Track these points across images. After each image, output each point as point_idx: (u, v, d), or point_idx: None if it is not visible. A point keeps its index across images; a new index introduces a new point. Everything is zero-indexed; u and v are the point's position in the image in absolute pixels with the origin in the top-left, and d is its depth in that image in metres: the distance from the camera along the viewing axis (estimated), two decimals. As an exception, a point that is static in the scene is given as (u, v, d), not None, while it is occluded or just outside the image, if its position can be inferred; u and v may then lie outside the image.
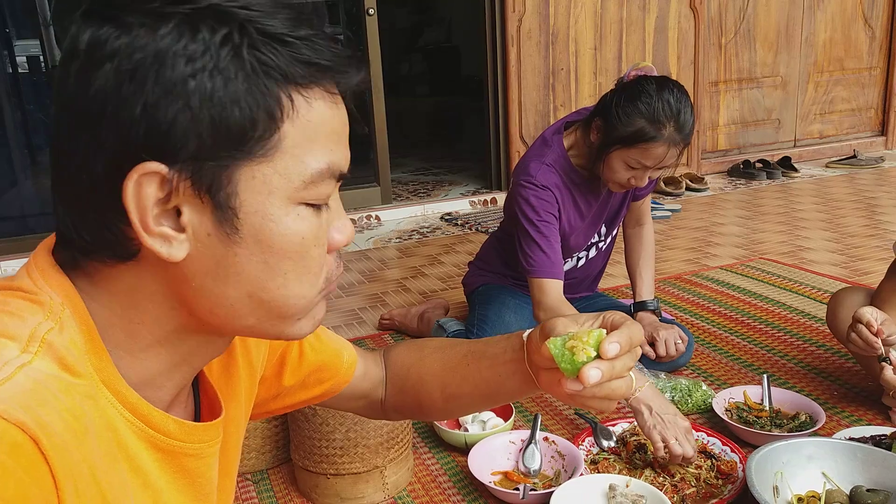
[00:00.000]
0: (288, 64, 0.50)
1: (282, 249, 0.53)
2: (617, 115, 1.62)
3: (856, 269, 2.73)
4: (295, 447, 1.47)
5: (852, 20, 5.01)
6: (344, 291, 2.79)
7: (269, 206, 0.52)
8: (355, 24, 4.15)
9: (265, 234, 0.52)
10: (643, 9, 4.21)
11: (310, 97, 0.52)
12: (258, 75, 0.49)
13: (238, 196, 0.51)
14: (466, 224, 3.75)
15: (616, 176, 1.67)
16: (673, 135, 1.59)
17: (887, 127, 5.29)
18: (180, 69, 0.48)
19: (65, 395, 0.47)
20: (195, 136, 0.48)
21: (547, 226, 1.74)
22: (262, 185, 0.51)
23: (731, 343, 2.10)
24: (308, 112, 0.52)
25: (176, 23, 0.48)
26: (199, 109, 0.48)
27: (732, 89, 4.74)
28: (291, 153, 0.51)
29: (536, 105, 4.07)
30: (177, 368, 0.58)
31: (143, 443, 0.55)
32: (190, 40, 0.48)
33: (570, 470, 1.45)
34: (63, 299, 0.52)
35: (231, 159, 0.50)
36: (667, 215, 3.70)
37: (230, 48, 0.48)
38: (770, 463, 1.33)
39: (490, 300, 1.98)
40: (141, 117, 0.48)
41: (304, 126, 0.52)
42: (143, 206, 0.49)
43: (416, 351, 0.88)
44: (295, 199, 0.52)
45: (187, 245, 0.51)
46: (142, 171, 0.48)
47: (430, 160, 5.66)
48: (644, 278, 2.00)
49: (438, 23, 8.16)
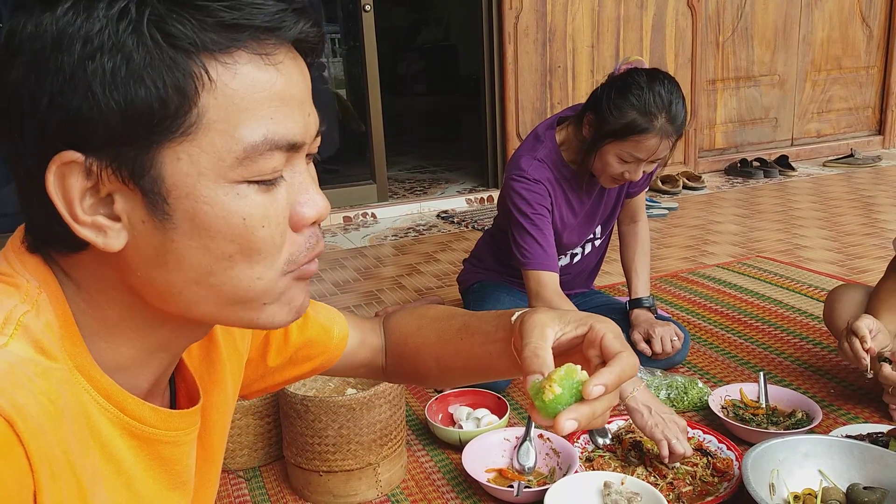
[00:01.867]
0: (197, 31, 0.45)
1: (221, 233, 0.49)
2: (608, 108, 1.61)
3: (853, 267, 2.72)
4: (287, 444, 1.45)
5: (850, 19, 5.00)
6: (339, 289, 2.77)
7: (200, 188, 0.48)
8: (351, 21, 4.14)
9: (200, 218, 0.48)
10: (640, 6, 4.20)
11: (232, 63, 0.47)
12: (161, 49, 0.45)
13: (164, 181, 0.47)
14: (463, 222, 3.73)
15: (609, 170, 1.66)
16: (665, 126, 1.58)
17: (884, 126, 5.29)
18: (77, 52, 0.44)
19: (40, 379, 0.46)
20: (103, 122, 0.45)
21: (541, 218, 1.73)
22: (189, 166, 0.47)
23: (727, 341, 2.09)
24: (232, 80, 0.47)
25: (72, 1, 0.45)
26: (103, 94, 0.45)
27: (730, 88, 4.74)
28: (217, 128, 0.47)
29: (533, 103, 4.05)
30: (152, 355, 0.57)
31: (118, 429, 0.54)
32: (85, 19, 0.44)
33: (564, 467, 1.44)
34: (40, 283, 0.51)
35: (148, 142, 0.46)
36: (664, 213, 3.69)
37: (128, 22, 0.44)
38: (766, 460, 1.32)
39: (485, 297, 1.97)
40: (49, 108, 0.45)
41: (228, 96, 0.47)
42: (69, 196, 0.47)
43: (415, 320, 0.86)
44: (231, 178, 0.48)
45: (125, 234, 0.49)
46: (59, 162, 0.46)
47: (426, 158, 5.64)
48: (639, 275, 1.99)
49: (436, 21, 8.14)
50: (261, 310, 0.54)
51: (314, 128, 0.53)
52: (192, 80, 0.46)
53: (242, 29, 0.47)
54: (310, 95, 0.53)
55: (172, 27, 0.45)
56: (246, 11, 0.47)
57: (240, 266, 0.51)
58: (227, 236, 0.49)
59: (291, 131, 0.50)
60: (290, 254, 0.53)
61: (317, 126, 0.54)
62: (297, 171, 0.52)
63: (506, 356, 0.73)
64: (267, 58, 0.48)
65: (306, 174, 0.53)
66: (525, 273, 1.72)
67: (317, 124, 0.54)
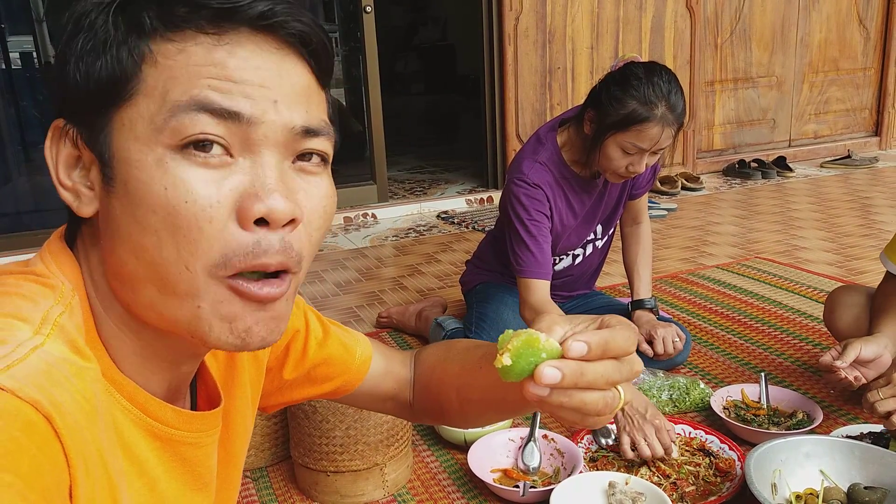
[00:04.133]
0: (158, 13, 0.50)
1: (144, 200, 0.49)
2: (608, 101, 1.63)
3: (851, 268, 2.74)
4: (294, 444, 1.46)
5: (847, 21, 5.03)
6: (341, 289, 2.78)
7: (133, 152, 0.49)
8: (352, 22, 4.15)
9: (131, 184, 0.49)
10: (640, 8, 4.22)
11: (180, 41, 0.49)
12: (118, 28, 0.50)
13: (110, 146, 0.51)
14: (463, 222, 3.75)
15: (613, 164, 1.67)
16: (666, 114, 1.59)
17: (881, 127, 5.32)
18: (70, 29, 0.52)
19: (76, 378, 0.47)
20: (74, 89, 0.51)
21: (537, 225, 1.75)
22: (128, 130, 0.50)
23: (728, 342, 2.11)
24: (178, 55, 0.49)
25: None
26: (75, 65, 0.51)
27: (728, 89, 4.76)
28: (152, 94, 0.49)
29: (533, 104, 4.07)
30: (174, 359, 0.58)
31: (141, 431, 0.55)
32: (85, 3, 0.52)
33: (569, 467, 1.45)
34: (74, 285, 0.53)
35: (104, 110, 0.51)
36: (663, 214, 3.71)
37: (103, 6, 0.51)
38: (768, 461, 1.34)
39: (488, 298, 1.99)
40: (57, 76, 0.53)
41: (169, 67, 0.49)
42: (56, 159, 0.53)
43: (443, 351, 0.84)
44: (162, 143, 0.49)
45: (96, 203, 0.53)
46: (53, 127, 0.53)
47: (426, 158, 5.65)
48: (641, 277, 2.01)
49: (434, 21, 8.16)
50: (196, 314, 0.51)
51: (286, 120, 0.51)
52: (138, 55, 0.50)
53: (198, 8, 0.49)
54: (296, 94, 0.52)
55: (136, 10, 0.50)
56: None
57: (166, 244, 0.49)
58: (149, 205, 0.49)
59: (233, 102, 0.49)
60: (225, 249, 0.49)
61: (294, 122, 0.51)
62: (260, 161, 0.50)
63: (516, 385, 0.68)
64: (217, 38, 0.50)
65: (275, 169, 0.50)
66: (518, 279, 1.75)
67: (302, 121, 0.52)
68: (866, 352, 1.42)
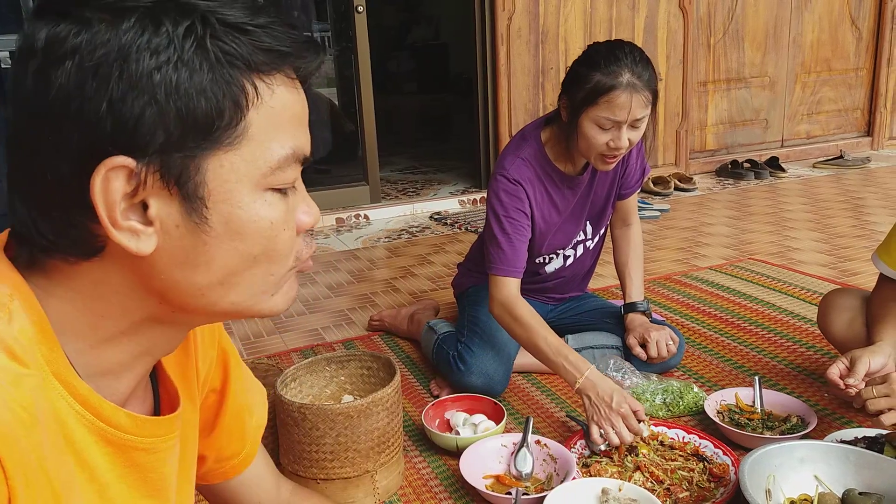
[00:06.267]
0: (250, 52, 0.51)
1: (251, 236, 0.54)
2: (575, 81, 1.63)
3: (844, 269, 2.74)
4: (284, 451, 1.45)
5: (839, 21, 5.04)
6: (333, 292, 2.76)
7: (237, 193, 0.52)
8: (344, 21, 4.13)
9: (235, 221, 0.53)
10: (633, 8, 4.21)
11: (272, 84, 0.53)
12: (222, 65, 0.50)
13: (207, 185, 0.51)
14: (456, 223, 3.73)
15: (594, 143, 1.64)
16: (632, 80, 1.57)
17: (873, 127, 5.33)
18: (145, 63, 0.48)
19: (12, 387, 0.47)
20: (163, 128, 0.49)
21: (512, 223, 1.74)
22: (229, 173, 0.51)
23: (721, 344, 2.10)
24: (271, 99, 0.53)
25: (138, 17, 0.48)
26: (166, 102, 0.48)
27: (721, 89, 4.76)
28: (257, 140, 0.52)
29: (526, 104, 4.06)
30: (138, 359, 0.58)
31: (93, 436, 0.54)
32: (153, 34, 0.48)
33: (562, 473, 1.44)
34: (12, 291, 0.52)
35: (199, 149, 0.50)
36: (655, 215, 3.70)
37: (193, 39, 0.49)
38: (763, 466, 1.32)
39: (480, 301, 1.97)
40: (107, 113, 0.48)
41: (268, 113, 0.52)
42: (111, 200, 0.49)
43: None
44: (262, 186, 0.53)
45: (155, 238, 0.51)
46: (109, 166, 0.49)
47: (418, 158, 5.64)
48: (633, 279, 2.00)
49: (427, 20, 8.14)
50: (266, 301, 0.58)
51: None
52: (244, 95, 0.51)
53: (284, 55, 0.53)
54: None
55: (230, 46, 0.50)
56: (285, 41, 0.53)
57: (261, 265, 0.56)
58: (256, 239, 0.54)
59: (306, 147, 0.57)
60: (297, 253, 0.59)
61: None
62: (299, 182, 0.58)
63: None
64: (293, 82, 0.55)
65: (303, 185, 0.59)
66: (489, 275, 1.74)
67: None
68: (874, 364, 1.41)
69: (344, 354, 1.62)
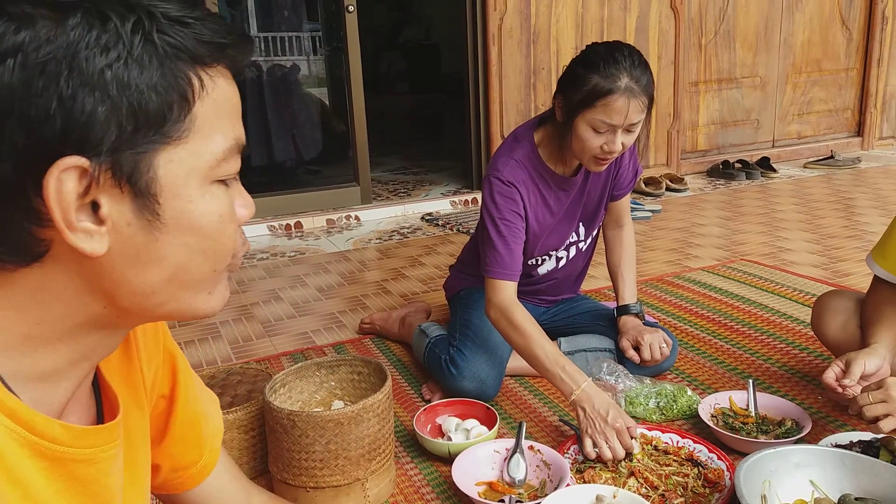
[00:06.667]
0: (194, 45, 0.51)
1: (202, 230, 0.54)
2: (572, 82, 1.61)
3: (836, 270, 2.73)
4: (273, 459, 1.42)
5: (830, 21, 5.05)
6: (323, 294, 2.74)
7: (188, 188, 0.52)
8: (334, 21, 4.10)
9: (186, 216, 0.53)
10: (624, 8, 4.21)
11: (214, 76, 0.53)
12: (170, 59, 0.50)
13: (158, 181, 0.51)
14: (447, 224, 3.71)
15: (588, 146, 1.63)
16: (630, 85, 1.56)
17: (863, 128, 5.35)
18: (96, 60, 0.47)
19: None
20: (115, 126, 0.48)
21: (507, 225, 1.72)
22: (179, 167, 0.52)
23: (714, 346, 2.09)
24: (214, 90, 0.53)
25: (83, 13, 0.47)
26: (119, 99, 0.48)
27: (712, 89, 4.76)
28: (203, 132, 0.52)
29: (517, 105, 4.04)
30: (76, 365, 0.57)
31: (26, 450, 0.52)
32: (101, 30, 0.47)
33: (555, 479, 1.42)
34: None
35: (150, 145, 0.50)
36: (647, 216, 3.69)
37: (141, 35, 0.49)
38: (758, 472, 1.31)
39: (472, 304, 1.95)
40: (57, 111, 0.46)
41: (212, 104, 0.53)
42: (66, 202, 0.48)
43: None
44: (210, 178, 0.54)
45: (108, 238, 0.51)
46: (63, 167, 0.47)
47: (409, 159, 5.62)
48: (626, 281, 1.98)
49: (418, 20, 8.12)
50: (206, 301, 0.58)
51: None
52: (191, 89, 0.51)
53: (223, 47, 0.53)
54: None
55: (176, 40, 0.50)
56: (223, 33, 0.53)
57: (210, 261, 0.56)
58: (207, 233, 0.54)
59: (244, 137, 0.57)
60: (235, 248, 0.59)
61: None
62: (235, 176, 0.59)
63: None
64: (230, 73, 0.56)
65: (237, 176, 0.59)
66: (485, 278, 1.72)
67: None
68: (870, 366, 1.40)
69: (334, 359, 1.60)
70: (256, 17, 5.09)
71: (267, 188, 4.02)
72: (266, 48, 5.14)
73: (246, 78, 4.54)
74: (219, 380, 1.66)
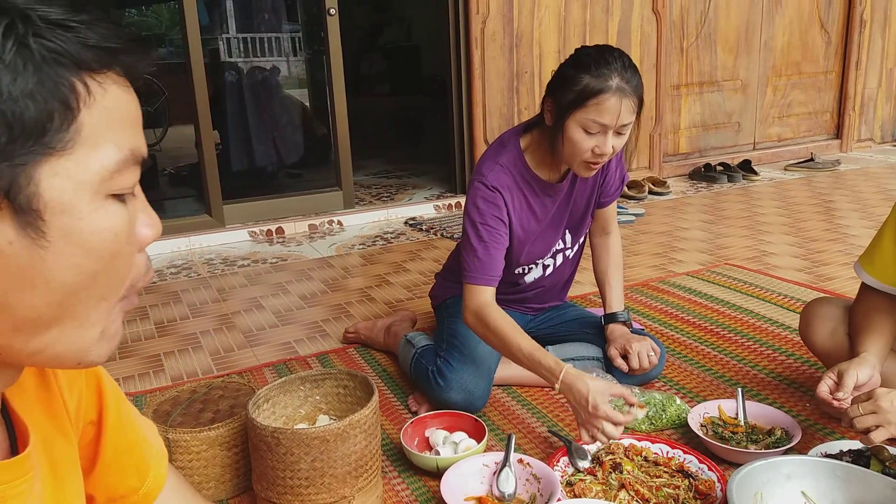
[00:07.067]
0: (78, 50, 0.47)
1: (94, 249, 0.49)
2: (563, 83, 1.61)
3: (820, 274, 2.74)
4: (257, 477, 1.38)
5: (809, 25, 5.09)
6: (306, 302, 2.70)
7: (76, 202, 0.48)
8: (315, 23, 4.06)
9: (76, 234, 0.48)
10: (606, 11, 4.21)
11: (104, 83, 0.49)
12: (48, 64, 0.46)
13: (41, 196, 0.46)
14: (431, 229, 3.68)
15: (579, 148, 1.62)
16: (621, 85, 1.56)
17: (842, 130, 5.40)
18: None
19: None
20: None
21: (489, 231, 1.70)
22: (65, 181, 0.47)
23: (701, 353, 2.08)
24: (104, 98, 0.49)
25: None
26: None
27: (694, 92, 4.77)
28: (92, 143, 0.48)
29: (500, 108, 4.02)
30: None
31: None
32: None
33: (545, 494, 1.40)
34: None
35: (29, 157, 0.46)
36: (631, 220, 3.69)
37: (14, 39, 0.45)
38: (750, 483, 1.30)
39: (459, 313, 1.91)
40: None
41: (102, 113, 0.49)
42: None
43: None
44: (102, 192, 0.49)
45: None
46: None
47: (392, 162, 5.58)
48: (613, 289, 1.97)
49: (398, 22, 8.09)
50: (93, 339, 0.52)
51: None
52: (75, 96, 0.47)
53: (113, 52, 0.49)
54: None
55: (55, 44, 0.46)
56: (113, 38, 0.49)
57: (101, 285, 0.51)
58: (98, 253, 0.49)
59: (143, 148, 0.52)
60: (133, 276, 0.53)
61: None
62: (138, 189, 0.54)
63: None
64: (124, 80, 0.51)
65: (142, 193, 0.55)
66: (463, 283, 1.70)
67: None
68: (862, 376, 1.39)
69: (319, 373, 1.57)
70: (235, 19, 5.03)
71: (247, 193, 3.97)
72: (245, 50, 5.08)
73: (225, 81, 4.49)
74: (200, 395, 1.62)
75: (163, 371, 2.14)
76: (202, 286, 2.93)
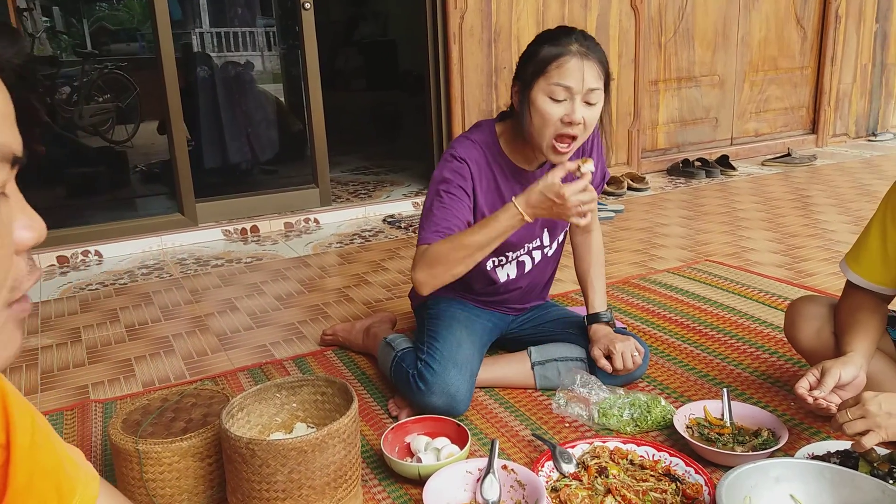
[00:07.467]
0: None
1: None
2: (524, 61, 1.64)
3: (800, 270, 2.74)
4: (232, 490, 1.33)
5: (785, 20, 5.11)
6: (282, 303, 2.63)
7: None
8: (289, 18, 3.98)
9: None
10: (584, 7, 4.18)
11: None
12: None
13: None
14: (410, 227, 3.63)
15: (547, 119, 1.59)
16: (580, 49, 1.57)
17: (818, 125, 5.43)
18: None
19: None
20: None
21: (451, 196, 1.67)
22: None
23: (685, 352, 2.06)
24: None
25: None
26: None
27: (672, 88, 4.77)
28: None
29: (479, 103, 3.98)
30: None
31: None
32: None
33: (531, 500, 1.36)
34: None
35: None
36: (610, 216, 3.67)
37: None
38: (739, 488, 1.27)
39: (440, 314, 1.88)
40: None
41: None
42: None
43: None
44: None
45: None
46: None
47: (369, 158, 5.52)
48: (595, 288, 1.93)
49: (374, 16, 8.00)
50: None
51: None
52: None
53: None
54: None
55: None
56: None
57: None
58: None
59: (15, 145, 0.49)
60: (14, 279, 0.50)
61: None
62: (12, 189, 0.50)
63: None
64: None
65: (19, 193, 0.51)
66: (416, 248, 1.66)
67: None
68: (846, 376, 1.37)
69: (296, 380, 1.51)
70: (208, 13, 4.93)
71: (221, 190, 3.89)
72: (219, 44, 4.98)
73: (198, 76, 4.39)
74: (171, 403, 1.55)
75: (134, 376, 2.07)
76: (174, 287, 2.86)
